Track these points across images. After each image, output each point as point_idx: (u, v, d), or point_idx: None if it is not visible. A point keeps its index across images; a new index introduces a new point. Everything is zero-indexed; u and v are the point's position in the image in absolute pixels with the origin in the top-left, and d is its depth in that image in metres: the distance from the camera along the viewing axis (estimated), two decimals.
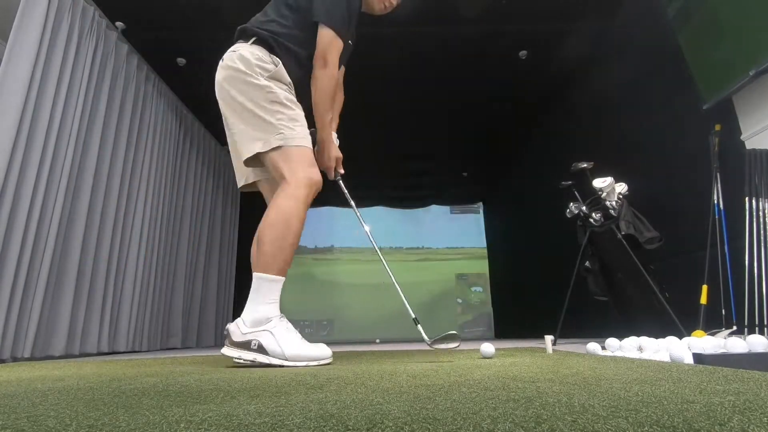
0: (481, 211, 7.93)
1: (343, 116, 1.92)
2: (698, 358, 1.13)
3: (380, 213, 7.68)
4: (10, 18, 2.42)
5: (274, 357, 1.20)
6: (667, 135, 2.81)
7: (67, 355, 2.60)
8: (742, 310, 1.94)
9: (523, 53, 3.87)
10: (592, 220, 2.62)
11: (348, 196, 1.73)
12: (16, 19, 2.40)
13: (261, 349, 1.21)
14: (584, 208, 2.67)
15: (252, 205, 6.60)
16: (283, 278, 1.33)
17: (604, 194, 2.57)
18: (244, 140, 1.43)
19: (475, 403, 0.51)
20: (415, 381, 0.76)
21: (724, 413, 0.42)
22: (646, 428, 0.37)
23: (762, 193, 1.99)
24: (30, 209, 2.37)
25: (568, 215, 2.77)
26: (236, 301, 5.46)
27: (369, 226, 1.74)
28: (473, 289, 7.49)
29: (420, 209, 7.82)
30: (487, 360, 1.28)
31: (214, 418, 0.45)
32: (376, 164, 6.10)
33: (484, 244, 7.73)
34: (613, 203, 2.54)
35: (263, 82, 1.42)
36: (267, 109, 1.41)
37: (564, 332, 2.70)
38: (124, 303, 3.23)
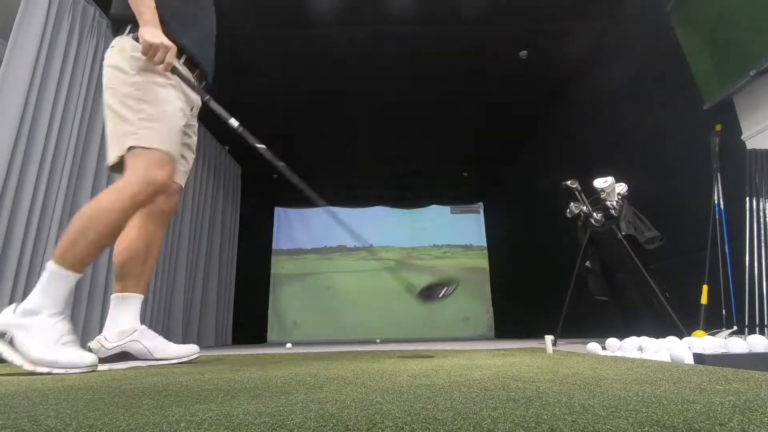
0: (481, 211, 7.93)
1: (342, 116, 1.92)
2: (698, 358, 1.13)
3: (380, 213, 7.68)
4: (10, 18, 2.42)
5: (15, 356, 1.10)
6: (667, 135, 2.81)
7: None
8: (743, 310, 1.94)
9: (523, 53, 3.87)
10: (592, 220, 2.61)
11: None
12: (16, 18, 2.41)
13: (11, 343, 1.10)
14: (584, 208, 2.67)
15: (252, 205, 6.60)
16: (78, 275, 1.21)
17: (605, 194, 2.57)
18: (108, 143, 1.38)
19: (475, 403, 0.51)
20: (415, 381, 0.76)
21: (725, 413, 0.41)
22: (646, 428, 0.37)
23: (762, 193, 1.99)
24: (30, 209, 2.38)
25: (569, 215, 2.77)
26: (236, 301, 5.46)
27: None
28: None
29: (420, 209, 7.82)
30: (488, 360, 1.28)
31: (214, 418, 0.45)
32: (377, 164, 6.11)
33: (485, 244, 7.73)
34: (614, 203, 2.54)
35: (134, 78, 1.37)
36: (132, 108, 1.35)
37: (564, 332, 2.69)
38: None
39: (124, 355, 1.40)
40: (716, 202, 2.24)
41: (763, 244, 1.93)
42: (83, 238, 1.20)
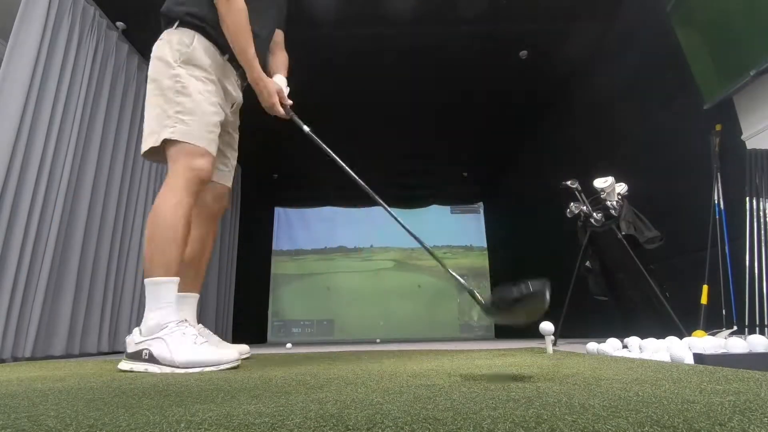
0: (481, 211, 7.94)
1: (342, 116, 1.91)
2: (699, 358, 1.13)
3: (380, 213, 7.66)
4: (10, 18, 2.42)
5: (164, 365, 1.12)
6: (667, 135, 2.81)
7: (67, 355, 2.60)
8: (743, 310, 1.94)
9: (523, 53, 3.87)
10: (592, 220, 2.61)
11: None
12: (16, 19, 2.40)
13: (152, 359, 1.13)
14: (584, 208, 2.67)
15: (252, 205, 6.58)
16: (173, 278, 1.24)
17: (605, 194, 2.57)
18: (144, 133, 1.39)
19: (476, 403, 0.51)
20: (415, 381, 0.76)
21: (725, 413, 0.41)
22: (646, 428, 0.37)
23: (762, 193, 1.99)
24: (30, 209, 2.37)
25: (569, 215, 2.77)
26: (236, 301, 5.46)
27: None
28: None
29: (420, 209, 7.82)
30: (487, 360, 1.28)
31: (214, 418, 0.45)
32: (377, 164, 6.10)
33: (485, 244, 7.73)
34: (614, 203, 2.54)
35: (175, 70, 1.38)
36: (171, 100, 1.36)
37: (564, 332, 2.69)
38: (124, 303, 3.23)
39: None
40: (716, 202, 2.24)
41: (763, 244, 1.93)
42: (155, 244, 1.24)
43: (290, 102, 1.67)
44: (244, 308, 5.72)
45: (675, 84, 2.69)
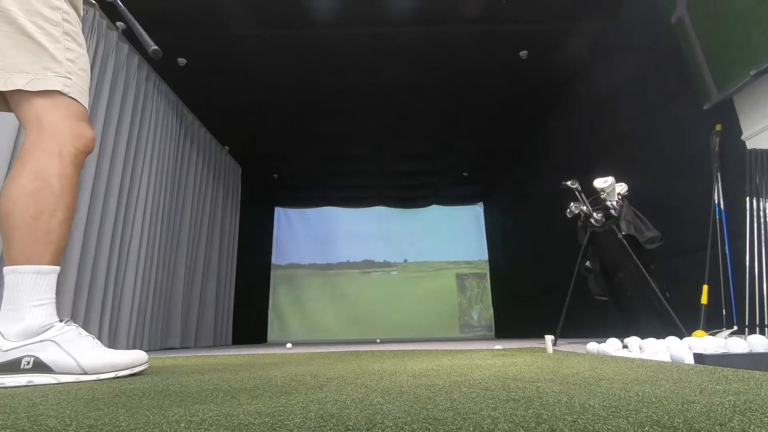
0: (482, 211, 7.94)
1: (342, 116, 1.90)
2: (699, 358, 1.13)
3: (380, 213, 7.69)
4: None
5: (64, 373, 0.90)
6: (667, 135, 2.81)
7: None
8: (743, 310, 1.94)
9: (523, 53, 3.87)
10: (592, 220, 2.61)
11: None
12: None
13: (39, 367, 0.89)
14: (584, 208, 2.67)
15: (252, 205, 6.58)
16: (57, 268, 1.00)
17: (605, 194, 2.57)
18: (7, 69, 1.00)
19: (476, 403, 0.51)
20: (415, 381, 0.76)
21: (725, 413, 0.41)
22: (647, 428, 0.37)
23: (762, 193, 1.99)
24: None
25: (569, 215, 2.77)
26: (236, 302, 5.46)
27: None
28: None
29: (420, 209, 7.82)
30: (488, 360, 1.28)
31: (214, 418, 0.45)
32: (377, 164, 6.11)
33: (485, 243, 7.73)
34: (614, 203, 2.54)
35: (61, 4, 1.07)
36: (59, 41, 1.04)
37: (564, 332, 2.69)
38: (124, 302, 3.23)
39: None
40: (716, 202, 2.24)
41: (763, 244, 1.93)
42: (43, 220, 0.97)
43: None
44: (244, 308, 5.73)
45: (675, 84, 2.70)
